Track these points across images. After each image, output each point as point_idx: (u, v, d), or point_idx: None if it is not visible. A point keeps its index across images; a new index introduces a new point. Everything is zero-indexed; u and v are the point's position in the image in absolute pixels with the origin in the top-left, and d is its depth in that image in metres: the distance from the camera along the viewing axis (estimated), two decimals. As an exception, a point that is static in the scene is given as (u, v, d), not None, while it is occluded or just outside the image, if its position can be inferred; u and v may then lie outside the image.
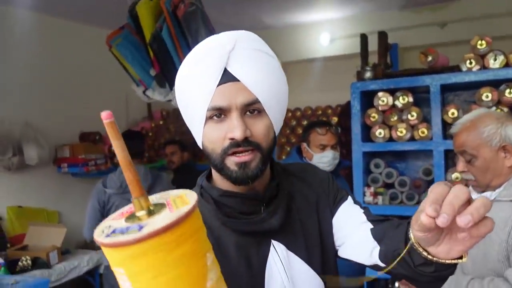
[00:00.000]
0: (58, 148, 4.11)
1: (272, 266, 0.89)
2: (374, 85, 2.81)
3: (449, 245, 0.64)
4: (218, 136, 0.82)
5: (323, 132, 2.14)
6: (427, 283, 0.77)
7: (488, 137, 1.36)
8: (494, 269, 1.30)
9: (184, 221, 0.51)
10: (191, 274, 0.53)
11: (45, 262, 3.13)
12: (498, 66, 2.53)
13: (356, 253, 0.92)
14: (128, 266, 0.51)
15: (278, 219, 0.88)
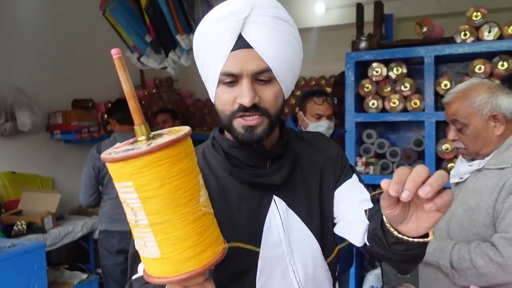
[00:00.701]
0: (50, 115, 4.08)
1: (271, 220, 0.94)
2: (369, 56, 2.82)
3: (416, 223, 0.70)
4: (228, 99, 0.86)
5: (320, 102, 2.17)
6: (400, 262, 0.83)
7: (479, 106, 1.39)
8: (480, 233, 1.35)
9: (182, 141, 0.63)
10: (188, 186, 0.63)
11: (40, 227, 3.16)
12: (492, 38, 2.55)
13: (350, 233, 0.97)
14: (137, 178, 0.60)
15: (281, 175, 0.93)
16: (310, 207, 0.98)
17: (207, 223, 0.66)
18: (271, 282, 0.94)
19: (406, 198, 0.62)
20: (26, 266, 2.36)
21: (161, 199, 0.61)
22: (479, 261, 1.26)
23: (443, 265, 1.33)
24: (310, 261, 0.97)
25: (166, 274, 0.64)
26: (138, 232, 0.64)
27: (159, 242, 0.62)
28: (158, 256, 0.63)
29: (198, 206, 0.64)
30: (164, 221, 0.62)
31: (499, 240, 1.26)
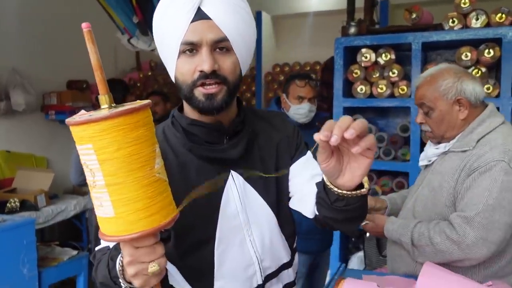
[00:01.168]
0: (45, 95, 4.13)
1: (229, 193, 1.00)
2: (358, 41, 2.83)
3: (351, 173, 0.79)
4: (189, 68, 0.91)
5: (302, 84, 2.20)
6: (344, 222, 0.91)
7: (444, 91, 1.43)
8: (441, 213, 1.40)
9: (140, 111, 0.69)
10: (143, 153, 0.69)
11: (33, 204, 3.23)
12: (479, 25, 2.56)
13: (302, 206, 1.03)
14: (96, 141, 0.66)
15: (238, 151, 0.99)
16: (266, 181, 1.03)
17: (159, 189, 0.71)
18: (229, 251, 1.00)
19: (335, 141, 0.69)
20: (16, 241, 2.43)
21: (117, 162, 0.66)
22: (436, 238, 1.32)
23: (404, 242, 1.39)
24: (267, 232, 1.03)
25: (118, 233, 0.69)
26: (95, 192, 0.69)
27: (113, 202, 0.68)
28: (112, 215, 0.68)
29: (152, 172, 0.69)
30: (119, 183, 0.67)
31: (456, 218, 1.32)
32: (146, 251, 0.71)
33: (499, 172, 1.31)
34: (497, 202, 1.29)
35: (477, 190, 1.32)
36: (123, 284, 0.77)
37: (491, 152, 1.34)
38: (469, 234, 1.29)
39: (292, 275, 1.14)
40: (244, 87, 5.63)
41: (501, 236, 1.29)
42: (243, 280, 1.02)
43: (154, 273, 0.72)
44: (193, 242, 0.97)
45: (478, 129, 1.42)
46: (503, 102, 2.46)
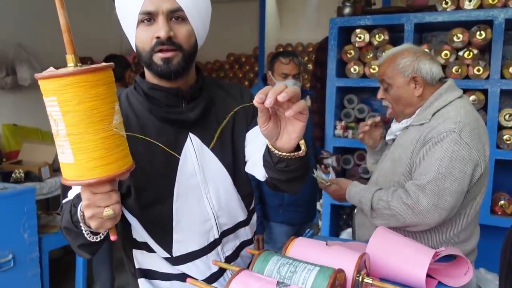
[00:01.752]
0: (51, 71, 4.23)
1: (187, 154, 1.09)
2: (352, 22, 2.87)
3: (288, 135, 0.87)
4: (147, 36, 1.00)
5: (286, 61, 2.26)
6: (286, 182, 1.00)
7: (402, 68, 1.50)
8: (399, 182, 1.49)
9: (102, 71, 0.75)
10: (102, 108, 0.76)
11: (37, 176, 3.36)
12: (472, 7, 2.58)
13: (255, 169, 1.12)
14: (60, 94, 0.72)
15: (195, 114, 1.08)
16: (222, 144, 1.13)
17: (116, 142, 0.78)
18: (187, 207, 1.09)
19: (269, 103, 0.77)
20: (17, 208, 2.56)
21: (78, 114, 0.73)
22: (393, 203, 1.40)
23: (364, 204, 1.47)
24: (222, 191, 1.13)
25: (77, 178, 0.77)
26: (58, 140, 0.76)
27: (74, 149, 0.75)
28: (72, 161, 0.76)
29: (110, 126, 0.77)
30: (79, 133, 0.74)
31: (411, 186, 1.40)
32: (102, 197, 0.79)
33: (450, 142, 1.37)
34: (448, 171, 1.36)
35: (429, 159, 1.39)
36: (83, 227, 0.87)
37: (443, 124, 1.41)
38: (422, 200, 1.36)
39: (250, 233, 1.24)
40: (247, 67, 5.68)
41: (452, 203, 1.37)
42: (201, 234, 1.12)
43: (109, 216, 0.80)
44: (152, 197, 1.06)
45: (435, 104, 1.49)
46: (492, 84, 2.49)
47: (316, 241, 1.09)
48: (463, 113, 1.43)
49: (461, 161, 1.36)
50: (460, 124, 1.39)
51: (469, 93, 2.58)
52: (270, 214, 2.37)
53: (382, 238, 1.14)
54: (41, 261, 2.76)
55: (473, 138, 1.39)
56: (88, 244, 0.92)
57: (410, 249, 1.11)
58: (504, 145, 2.51)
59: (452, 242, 1.44)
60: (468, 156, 1.37)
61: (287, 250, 1.07)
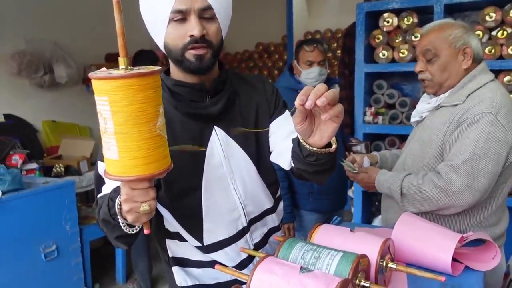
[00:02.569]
0: (86, 68, 4.38)
1: (213, 146, 1.13)
2: (379, 6, 2.82)
3: (320, 134, 0.90)
4: (180, 34, 1.03)
5: (311, 49, 2.26)
6: (315, 173, 1.03)
7: (453, 39, 1.47)
8: (429, 164, 1.47)
9: (151, 76, 0.79)
10: (149, 111, 0.80)
11: (76, 169, 3.50)
12: (505, -16, 2.49)
13: (280, 159, 1.16)
14: (111, 95, 0.76)
15: (218, 108, 1.11)
16: (246, 135, 1.16)
17: (158, 143, 0.83)
18: (215, 197, 1.14)
19: (309, 106, 0.80)
20: (58, 201, 2.69)
21: (126, 115, 0.77)
22: (425, 187, 1.39)
23: (394, 190, 1.46)
24: (248, 180, 1.17)
25: (119, 174, 0.82)
26: (106, 137, 0.81)
27: (119, 147, 0.79)
28: (116, 158, 0.80)
29: (154, 128, 0.81)
30: (125, 132, 0.78)
31: (443, 167, 1.38)
32: (140, 193, 0.83)
33: (486, 123, 1.35)
34: (483, 152, 1.34)
35: (464, 141, 1.37)
36: (120, 220, 0.92)
37: (479, 105, 1.38)
38: (455, 181, 1.35)
39: (277, 220, 1.28)
40: (276, 56, 5.67)
41: (485, 184, 1.34)
42: (229, 222, 1.17)
43: (145, 212, 0.84)
44: (182, 189, 1.11)
45: (469, 85, 1.45)
46: (528, 64, 2.40)
47: (341, 227, 1.10)
48: (499, 95, 1.40)
49: (496, 143, 1.34)
50: (497, 106, 1.37)
51: (504, 74, 2.50)
52: (300, 203, 2.39)
53: (408, 224, 1.15)
54: (82, 250, 2.90)
55: (509, 120, 1.37)
56: (125, 236, 0.97)
57: (436, 234, 1.11)
58: (542, 126, 2.42)
59: (482, 226, 1.42)
60: (504, 138, 1.35)
61: (312, 237, 1.10)
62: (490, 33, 2.55)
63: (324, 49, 2.31)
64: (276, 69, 5.59)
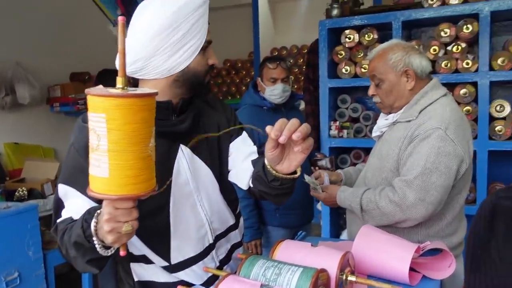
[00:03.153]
0: (49, 88, 4.29)
1: (180, 164, 1.15)
2: (341, 23, 2.90)
3: (289, 162, 0.97)
4: (205, 62, 1.14)
5: (274, 66, 2.30)
6: (277, 196, 1.09)
7: (394, 63, 1.53)
8: (387, 178, 1.52)
9: (150, 97, 0.82)
10: (144, 131, 0.81)
11: (40, 193, 3.41)
12: (457, 2, 2.60)
13: (239, 179, 1.22)
14: (110, 112, 0.77)
15: (185, 125, 1.15)
16: (211, 153, 1.20)
17: (148, 164, 0.84)
18: (183, 214, 1.15)
19: (283, 140, 0.88)
20: (21, 226, 2.61)
21: (122, 133, 0.78)
22: (382, 202, 1.44)
23: (355, 208, 1.50)
24: (213, 197, 1.20)
25: (106, 191, 0.81)
26: (96, 155, 0.80)
27: (110, 165, 0.79)
28: (106, 176, 0.80)
29: (146, 149, 0.82)
30: (119, 150, 0.79)
31: (398, 182, 1.43)
32: (124, 212, 0.83)
33: (436, 138, 1.41)
34: (434, 166, 1.39)
35: (416, 155, 1.43)
36: (96, 242, 0.90)
37: (430, 121, 1.44)
38: (409, 195, 1.39)
39: (239, 236, 1.32)
40: (244, 72, 5.72)
41: (438, 197, 1.39)
42: (197, 240, 1.18)
43: (127, 232, 0.84)
44: (150, 207, 1.11)
45: (421, 101, 1.52)
46: (481, 76, 2.51)
47: (303, 243, 1.12)
48: (448, 111, 1.46)
49: (446, 157, 1.39)
50: (446, 121, 1.43)
51: (460, 87, 2.60)
52: (267, 219, 2.40)
53: (367, 236, 1.17)
54: (47, 277, 2.81)
55: (458, 134, 1.42)
56: (98, 259, 0.96)
57: (394, 245, 1.14)
58: (497, 136, 2.52)
59: (439, 236, 1.47)
60: (454, 152, 1.40)
61: (274, 253, 1.11)
62: (446, 48, 2.65)
63: (287, 66, 2.36)
64: (243, 85, 5.63)
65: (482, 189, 2.52)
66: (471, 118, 2.58)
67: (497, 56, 2.52)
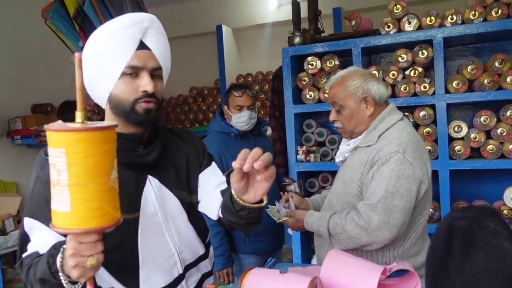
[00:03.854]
0: (10, 120, 4.19)
1: (147, 195, 1.15)
2: (303, 50, 2.98)
3: (254, 192, 1.00)
4: (132, 88, 1.09)
5: (239, 94, 2.33)
6: (245, 225, 1.11)
7: (353, 90, 1.58)
8: (351, 202, 1.55)
9: (111, 129, 0.82)
10: (107, 163, 0.81)
11: (1, 229, 3.28)
12: (412, 29, 2.73)
13: (208, 209, 1.23)
14: (70, 147, 0.76)
15: (153, 157, 1.15)
16: (179, 183, 1.20)
17: (111, 195, 0.83)
18: (151, 245, 1.14)
19: (246, 169, 0.90)
20: (-20, 265, 2.49)
21: (84, 167, 0.77)
22: (347, 226, 1.46)
23: (323, 232, 1.52)
24: (182, 227, 1.20)
25: (70, 226, 0.79)
26: (57, 189, 0.79)
27: (72, 199, 0.78)
28: (68, 210, 0.78)
29: (110, 180, 0.82)
30: (81, 184, 0.78)
31: (362, 206, 1.46)
32: (88, 246, 0.81)
33: (395, 162, 1.45)
34: (395, 189, 1.43)
35: (378, 179, 1.47)
36: (62, 278, 0.88)
37: (388, 145, 1.49)
38: (373, 219, 1.43)
39: (209, 266, 1.32)
40: (210, 99, 5.75)
41: (401, 219, 1.43)
42: (166, 270, 1.17)
43: (92, 266, 0.82)
44: (118, 240, 1.09)
45: (380, 126, 1.57)
46: (438, 99, 2.62)
47: (271, 270, 1.12)
48: (405, 135, 1.52)
49: (406, 179, 1.44)
50: (403, 145, 1.48)
51: (419, 109, 2.70)
52: (237, 246, 2.38)
53: (334, 260, 1.19)
54: (8, 318, 2.68)
55: (416, 157, 1.47)
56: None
57: (360, 268, 1.16)
58: (457, 155, 2.62)
59: (405, 257, 1.50)
60: (413, 174, 1.45)
61: (242, 282, 1.10)
62: (404, 73, 2.76)
63: (253, 94, 2.39)
64: (210, 112, 5.65)
65: (446, 207, 2.59)
66: (432, 139, 2.68)
67: (452, 79, 2.64)
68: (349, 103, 1.60)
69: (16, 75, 4.17)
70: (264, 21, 5.30)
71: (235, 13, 5.29)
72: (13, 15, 4.16)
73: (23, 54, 4.22)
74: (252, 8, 5.31)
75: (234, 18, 5.35)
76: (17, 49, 4.18)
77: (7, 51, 4.12)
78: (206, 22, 5.48)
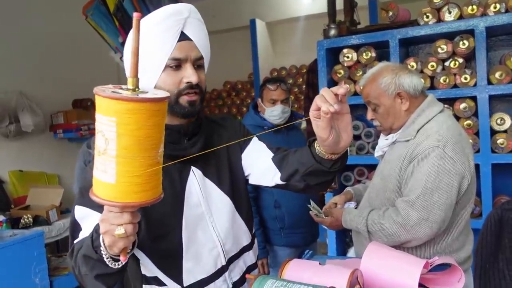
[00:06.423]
0: (52, 115, 4.34)
1: (191, 186, 1.17)
2: (339, 42, 2.95)
3: (346, 133, 1.00)
4: (175, 80, 1.09)
5: (274, 88, 2.34)
6: (329, 182, 1.15)
7: (385, 87, 1.55)
8: (390, 198, 1.52)
9: (162, 101, 0.78)
10: (155, 137, 0.77)
11: (45, 219, 3.42)
12: (452, 18, 2.65)
13: (260, 179, 1.24)
14: (121, 117, 0.73)
15: (196, 149, 1.15)
16: (220, 173, 1.21)
17: (157, 170, 0.81)
18: (195, 236, 1.16)
19: (338, 107, 0.90)
20: (27, 253, 2.61)
21: (133, 139, 0.74)
22: (386, 224, 1.44)
23: (361, 229, 1.51)
24: (226, 218, 1.20)
25: (113, 198, 0.78)
26: (103, 159, 0.76)
27: (118, 171, 0.75)
28: (112, 182, 0.77)
29: (156, 155, 0.79)
30: (129, 157, 0.75)
31: (400, 203, 1.43)
32: (115, 215, 0.81)
33: (435, 157, 1.42)
34: (435, 185, 1.40)
35: (417, 175, 1.43)
36: (103, 251, 0.89)
37: (427, 140, 1.46)
38: (412, 216, 1.40)
39: (254, 258, 1.31)
40: (244, 94, 5.78)
41: (441, 215, 1.40)
42: (209, 261, 1.18)
43: (120, 236, 0.82)
44: (162, 229, 1.12)
45: (418, 120, 1.53)
46: (480, 90, 2.54)
47: (311, 261, 1.12)
48: (445, 128, 1.47)
49: (447, 175, 1.40)
50: (443, 140, 1.44)
51: (459, 101, 2.63)
52: (272, 238, 2.39)
53: (374, 253, 1.17)
54: (53, 304, 2.80)
55: (457, 151, 1.43)
56: (105, 274, 0.94)
57: (402, 262, 1.14)
58: (499, 149, 2.54)
59: (447, 252, 1.47)
60: (453, 169, 1.41)
61: (282, 273, 1.11)
62: (444, 64, 2.69)
63: (287, 88, 2.39)
64: (244, 107, 5.68)
65: (488, 202, 2.52)
66: (473, 132, 2.60)
67: (495, 70, 2.55)
68: (383, 101, 1.57)
69: (57, 72, 4.32)
70: (298, 15, 5.27)
71: (269, 7, 5.28)
72: (55, 13, 4.30)
73: (63, 51, 4.36)
74: (286, 2, 5.29)
75: (268, 12, 5.34)
76: (58, 47, 4.33)
77: (49, 50, 4.27)
78: (240, 16, 5.50)
